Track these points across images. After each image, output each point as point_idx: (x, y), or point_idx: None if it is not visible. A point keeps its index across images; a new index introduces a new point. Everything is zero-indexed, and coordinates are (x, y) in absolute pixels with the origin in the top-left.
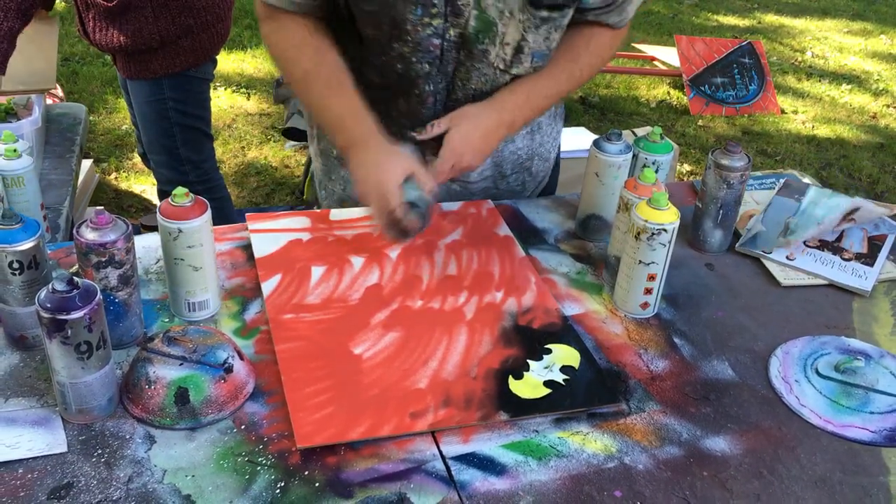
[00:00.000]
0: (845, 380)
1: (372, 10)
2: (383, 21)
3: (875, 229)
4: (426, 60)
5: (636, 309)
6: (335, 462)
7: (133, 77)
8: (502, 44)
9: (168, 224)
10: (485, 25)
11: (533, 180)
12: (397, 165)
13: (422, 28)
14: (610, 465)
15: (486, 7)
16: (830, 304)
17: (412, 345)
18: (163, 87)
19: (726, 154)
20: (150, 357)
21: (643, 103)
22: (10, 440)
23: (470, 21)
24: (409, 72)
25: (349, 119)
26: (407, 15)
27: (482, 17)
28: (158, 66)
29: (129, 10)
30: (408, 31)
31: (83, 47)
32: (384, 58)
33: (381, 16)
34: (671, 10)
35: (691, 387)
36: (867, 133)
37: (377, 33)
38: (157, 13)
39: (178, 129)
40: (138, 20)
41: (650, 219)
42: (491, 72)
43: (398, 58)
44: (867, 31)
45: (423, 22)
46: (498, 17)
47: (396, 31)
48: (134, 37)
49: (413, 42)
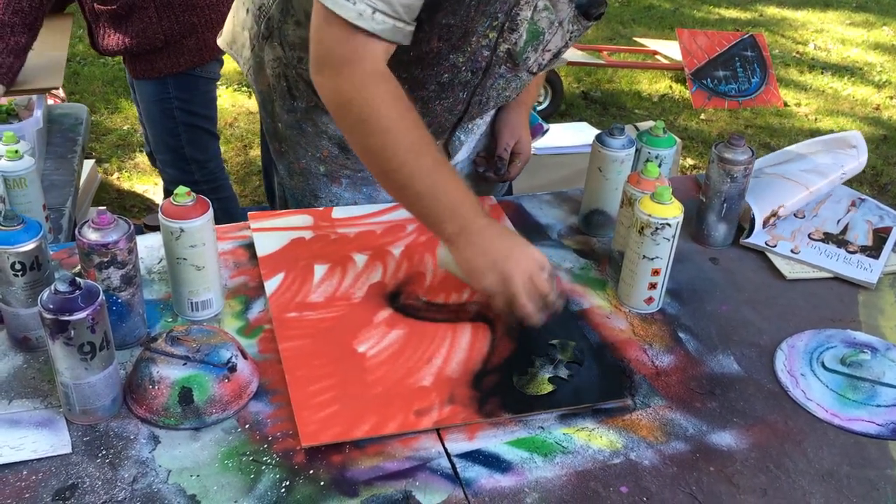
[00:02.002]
0: (851, 373)
1: (450, 24)
2: (455, 34)
3: (880, 221)
4: (472, 70)
5: (640, 304)
6: (340, 460)
7: (139, 77)
8: (544, 50)
9: (170, 223)
10: (532, 37)
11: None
12: (529, 247)
13: (482, 38)
14: (616, 461)
15: (539, 20)
16: (836, 297)
17: (416, 342)
18: (168, 87)
19: (730, 147)
20: (153, 357)
21: (645, 97)
22: (15, 442)
23: (522, 36)
24: (454, 80)
25: (465, 205)
26: (477, 26)
27: (532, 29)
28: (163, 66)
29: (133, 11)
30: (470, 42)
31: (84, 48)
32: (436, 69)
33: (455, 28)
34: (673, 4)
35: (697, 381)
36: (870, 125)
37: (442, 45)
38: (161, 13)
39: (183, 129)
40: (143, 21)
41: (654, 213)
42: (526, 76)
43: (449, 68)
44: (869, 22)
45: (485, 33)
46: (547, 27)
47: (462, 41)
48: (139, 37)
49: (469, 52)
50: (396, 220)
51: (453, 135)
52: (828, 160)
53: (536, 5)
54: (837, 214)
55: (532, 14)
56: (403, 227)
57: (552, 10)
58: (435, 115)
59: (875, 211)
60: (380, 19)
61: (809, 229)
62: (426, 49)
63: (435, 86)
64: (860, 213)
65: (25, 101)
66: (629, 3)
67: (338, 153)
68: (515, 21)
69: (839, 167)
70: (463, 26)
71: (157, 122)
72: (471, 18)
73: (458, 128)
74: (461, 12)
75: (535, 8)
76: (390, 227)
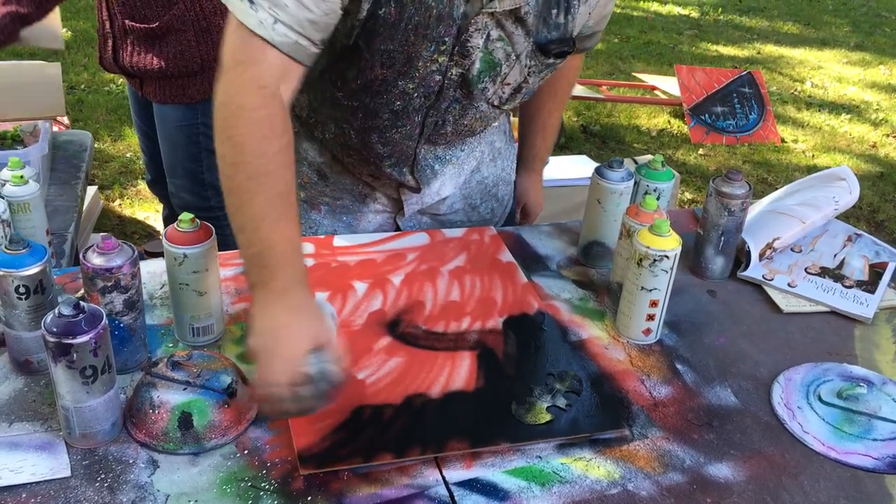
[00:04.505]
0: (848, 406)
1: (389, 49)
2: (397, 60)
3: (876, 257)
4: (423, 95)
5: (638, 335)
6: (338, 488)
7: (166, 101)
8: (503, 83)
9: (174, 249)
10: (489, 66)
11: (500, 206)
12: (312, 328)
13: (430, 64)
14: (613, 492)
15: (494, 49)
16: (832, 330)
17: (415, 370)
18: (197, 113)
19: (727, 181)
20: (154, 382)
21: (644, 132)
22: (14, 465)
23: (475, 63)
24: (407, 107)
25: (284, 257)
26: (421, 51)
27: (488, 59)
28: (195, 92)
29: (170, 32)
30: (417, 68)
31: (88, 76)
32: (386, 96)
33: (396, 54)
34: (671, 41)
35: (694, 413)
36: (867, 162)
37: (387, 72)
38: (200, 37)
39: (205, 155)
40: (181, 43)
41: (652, 245)
42: (486, 108)
43: (400, 95)
44: (866, 61)
45: (433, 58)
46: (504, 59)
47: (407, 67)
48: (175, 60)
49: (419, 78)
50: (397, 249)
51: (418, 160)
52: (818, 193)
53: (489, 34)
54: (834, 249)
55: (486, 43)
56: (404, 256)
57: (507, 41)
58: (395, 144)
59: (871, 246)
60: (281, 31)
61: (806, 263)
62: (371, 77)
63: (388, 114)
64: (856, 248)
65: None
66: (628, 40)
67: (317, 180)
68: (466, 47)
69: (832, 200)
70: (404, 51)
71: (179, 146)
72: (411, 43)
73: (420, 152)
74: (398, 37)
75: (489, 37)
76: (391, 256)
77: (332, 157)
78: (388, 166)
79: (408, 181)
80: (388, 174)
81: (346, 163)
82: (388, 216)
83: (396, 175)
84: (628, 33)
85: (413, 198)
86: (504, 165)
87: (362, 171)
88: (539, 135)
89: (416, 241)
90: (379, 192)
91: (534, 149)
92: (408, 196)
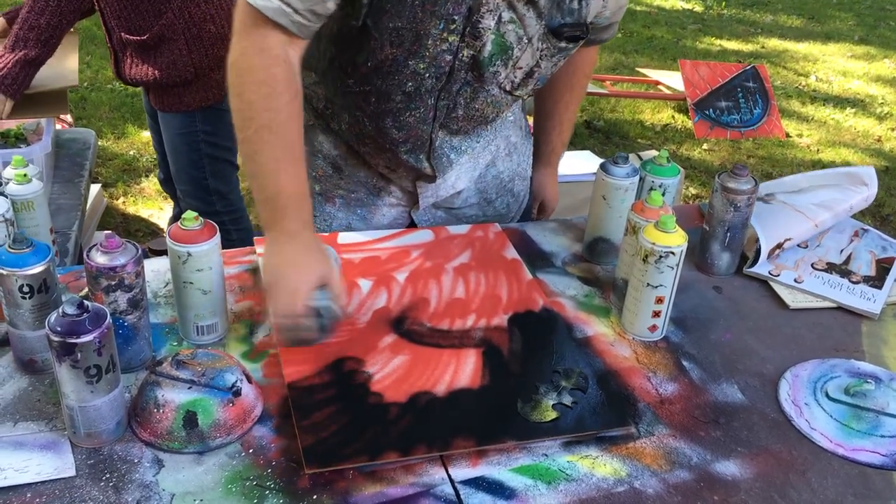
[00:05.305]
0: (855, 403)
1: (398, 27)
2: (406, 38)
3: (883, 252)
4: (435, 76)
5: (644, 332)
6: (344, 486)
7: (166, 110)
8: (514, 67)
9: (177, 247)
10: (500, 49)
11: (515, 201)
12: (317, 267)
13: (440, 43)
14: (620, 490)
15: (506, 32)
16: (839, 326)
17: (420, 368)
18: (195, 121)
19: (733, 177)
20: (158, 381)
21: (648, 127)
22: (19, 464)
23: (486, 45)
24: (419, 88)
25: (292, 201)
26: (430, 29)
27: (499, 42)
28: (192, 100)
29: (162, 42)
30: (427, 47)
31: (91, 73)
32: (397, 77)
33: (405, 31)
34: (675, 35)
35: (700, 410)
36: (872, 156)
37: (396, 51)
38: (192, 45)
39: (207, 161)
40: (172, 53)
41: (658, 241)
42: (497, 92)
43: (411, 75)
44: (871, 55)
45: (442, 37)
46: (516, 42)
47: (416, 45)
48: (168, 69)
49: (429, 57)
50: (401, 246)
51: (434, 147)
52: (836, 195)
53: (501, 16)
54: (840, 245)
55: (497, 25)
56: (408, 253)
57: (519, 24)
58: (410, 128)
59: (878, 242)
60: None
61: (812, 259)
62: (381, 57)
63: (401, 96)
64: (863, 243)
65: (34, 126)
66: (632, 35)
67: (332, 173)
68: (477, 28)
69: (847, 202)
70: (413, 29)
71: (181, 153)
72: (419, 20)
73: (435, 138)
74: (406, 14)
75: (500, 19)
76: (395, 253)
77: (348, 150)
78: (405, 152)
79: (424, 168)
80: (404, 161)
81: (362, 153)
82: (402, 209)
83: (413, 162)
84: (632, 28)
85: (428, 190)
86: (520, 160)
87: (379, 160)
88: (556, 129)
89: (421, 238)
90: (394, 186)
91: (550, 144)
92: (423, 188)
